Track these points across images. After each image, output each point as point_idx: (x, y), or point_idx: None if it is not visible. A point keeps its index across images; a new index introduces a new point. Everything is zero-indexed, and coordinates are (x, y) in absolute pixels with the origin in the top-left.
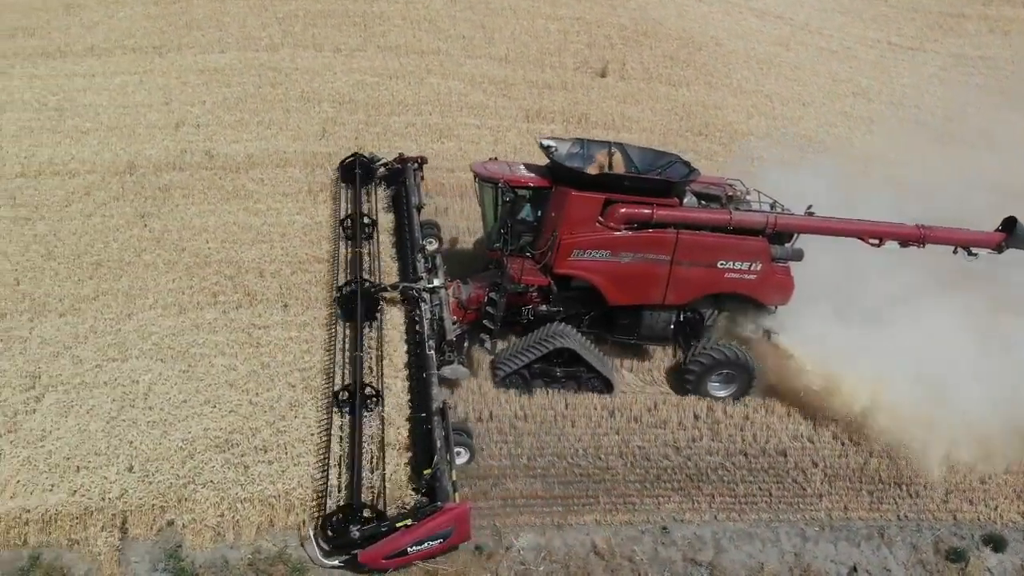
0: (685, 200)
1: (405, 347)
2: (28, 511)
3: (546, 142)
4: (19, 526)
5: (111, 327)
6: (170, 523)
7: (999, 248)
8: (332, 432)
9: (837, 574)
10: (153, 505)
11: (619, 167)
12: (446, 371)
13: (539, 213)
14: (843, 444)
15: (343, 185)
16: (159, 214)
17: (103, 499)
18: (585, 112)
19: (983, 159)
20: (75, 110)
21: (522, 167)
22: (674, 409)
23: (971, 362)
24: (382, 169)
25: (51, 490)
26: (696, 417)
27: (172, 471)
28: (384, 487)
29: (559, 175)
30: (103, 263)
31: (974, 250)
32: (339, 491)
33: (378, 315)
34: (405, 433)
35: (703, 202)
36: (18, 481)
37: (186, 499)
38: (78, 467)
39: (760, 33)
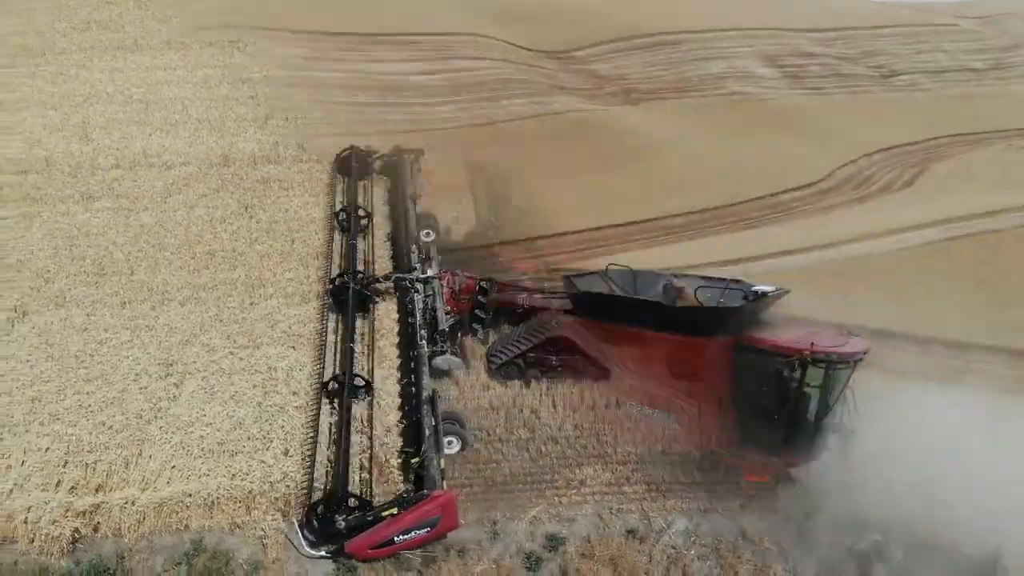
0: None
1: (397, 338)
2: (190, 495)
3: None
4: (181, 510)
5: (236, 315)
6: None
7: None
8: (320, 423)
9: None
10: (313, 488)
11: None
12: (439, 361)
13: None
14: None
15: (340, 178)
16: (262, 205)
17: (265, 483)
18: None
19: None
20: (161, 103)
21: None
22: None
23: None
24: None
25: (208, 475)
26: None
27: (328, 454)
28: (371, 476)
29: None
30: (215, 253)
31: None
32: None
33: (371, 306)
34: (395, 422)
35: None
36: (173, 467)
37: None
38: (233, 452)
39: None
